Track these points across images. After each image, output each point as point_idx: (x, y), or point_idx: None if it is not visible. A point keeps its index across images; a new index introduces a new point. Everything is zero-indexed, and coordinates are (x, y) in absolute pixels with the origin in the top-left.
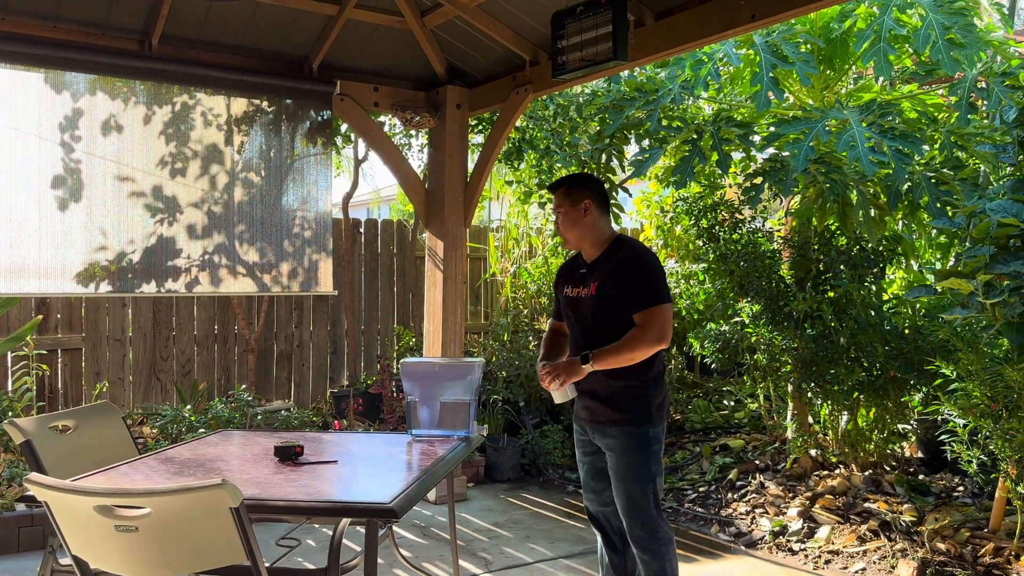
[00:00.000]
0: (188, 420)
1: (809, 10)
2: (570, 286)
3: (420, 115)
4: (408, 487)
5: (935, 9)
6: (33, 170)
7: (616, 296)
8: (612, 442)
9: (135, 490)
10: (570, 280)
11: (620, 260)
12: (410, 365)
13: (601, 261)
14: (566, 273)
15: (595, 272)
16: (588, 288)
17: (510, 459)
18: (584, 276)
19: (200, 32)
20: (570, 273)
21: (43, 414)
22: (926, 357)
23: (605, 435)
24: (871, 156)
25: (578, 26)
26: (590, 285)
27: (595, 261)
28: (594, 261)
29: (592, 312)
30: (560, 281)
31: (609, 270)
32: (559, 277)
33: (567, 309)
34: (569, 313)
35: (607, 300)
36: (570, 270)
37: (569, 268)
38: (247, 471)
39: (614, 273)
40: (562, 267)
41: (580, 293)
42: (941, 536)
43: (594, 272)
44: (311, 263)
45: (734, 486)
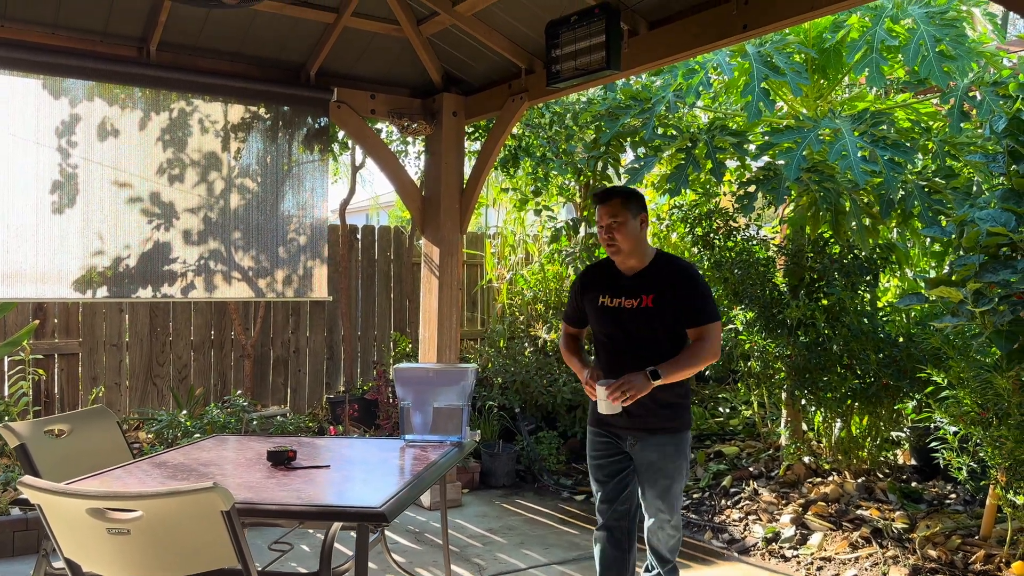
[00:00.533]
0: (184, 425)
1: (800, 21)
2: (607, 295)
3: (417, 122)
4: (399, 491)
5: (927, 20)
6: (31, 175)
7: (674, 310)
8: (659, 448)
9: (127, 493)
10: (606, 289)
11: (675, 275)
12: (403, 371)
13: (650, 275)
14: (597, 281)
15: (645, 284)
16: (637, 299)
17: (505, 465)
18: (628, 287)
19: (198, 39)
20: (603, 282)
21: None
22: (918, 365)
23: (651, 441)
24: (862, 165)
25: (572, 35)
26: (640, 296)
27: (641, 274)
28: (639, 274)
29: (646, 324)
30: (589, 288)
31: (664, 284)
32: (586, 284)
33: (602, 317)
34: (605, 321)
35: (665, 313)
36: (602, 279)
37: (599, 276)
38: (240, 475)
39: (671, 288)
40: (588, 274)
41: (624, 303)
42: (932, 543)
43: (643, 284)
44: (306, 269)
45: (728, 493)
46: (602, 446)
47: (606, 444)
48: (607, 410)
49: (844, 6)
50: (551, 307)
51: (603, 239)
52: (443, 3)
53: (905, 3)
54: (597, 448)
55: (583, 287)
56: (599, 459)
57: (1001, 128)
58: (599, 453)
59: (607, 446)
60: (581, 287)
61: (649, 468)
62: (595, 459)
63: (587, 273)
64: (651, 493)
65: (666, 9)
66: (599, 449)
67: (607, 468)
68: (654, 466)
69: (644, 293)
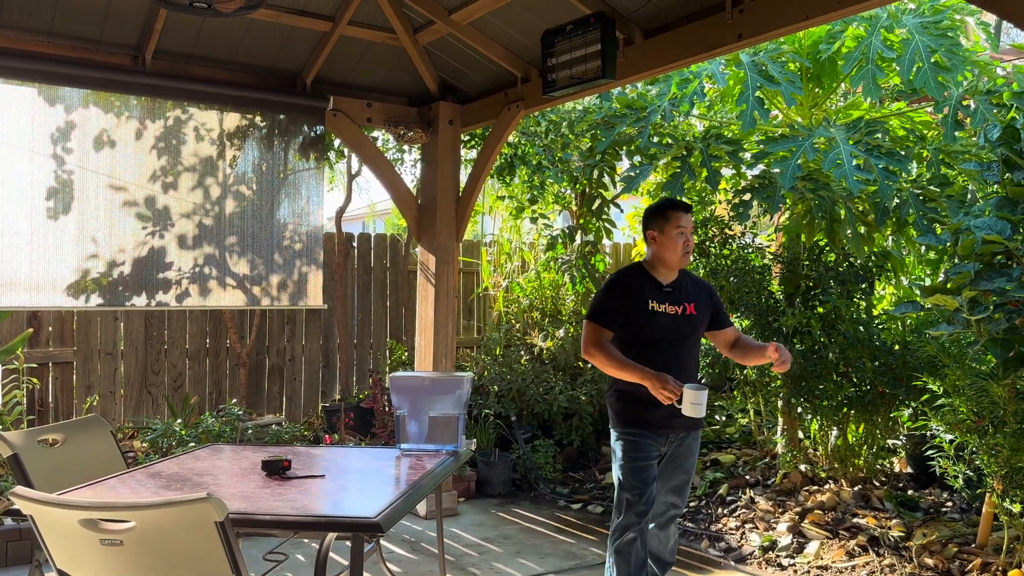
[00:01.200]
0: (179, 434)
1: (795, 30)
2: (655, 301)
3: (413, 131)
4: (394, 501)
5: (921, 31)
6: (25, 183)
7: (706, 316)
8: (693, 443)
9: (120, 503)
10: (653, 295)
11: (705, 287)
12: (399, 379)
13: (683, 285)
14: (641, 286)
15: (683, 294)
16: (680, 307)
17: (501, 474)
18: (669, 295)
19: (193, 47)
20: (649, 288)
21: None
22: (914, 373)
23: (690, 438)
24: (857, 174)
25: (568, 44)
26: (683, 304)
27: (675, 284)
28: (674, 284)
29: (692, 330)
30: (636, 294)
31: (697, 293)
32: (631, 289)
33: (652, 321)
34: (654, 325)
35: (703, 321)
36: (645, 284)
37: (641, 282)
38: (234, 485)
39: (707, 298)
40: (630, 278)
41: (670, 310)
42: (929, 551)
43: (682, 294)
44: (301, 277)
45: (724, 501)
46: (647, 448)
47: (649, 447)
48: (694, 412)
49: (839, 15)
50: (547, 315)
51: (683, 246)
52: (439, 12)
53: (900, 13)
54: (643, 450)
55: (630, 291)
56: (644, 461)
57: (996, 136)
58: (645, 455)
59: (650, 448)
60: (628, 290)
61: (679, 463)
62: (640, 461)
63: (629, 277)
64: (671, 488)
65: (661, 18)
66: (645, 451)
67: (651, 471)
68: (685, 462)
69: (686, 302)
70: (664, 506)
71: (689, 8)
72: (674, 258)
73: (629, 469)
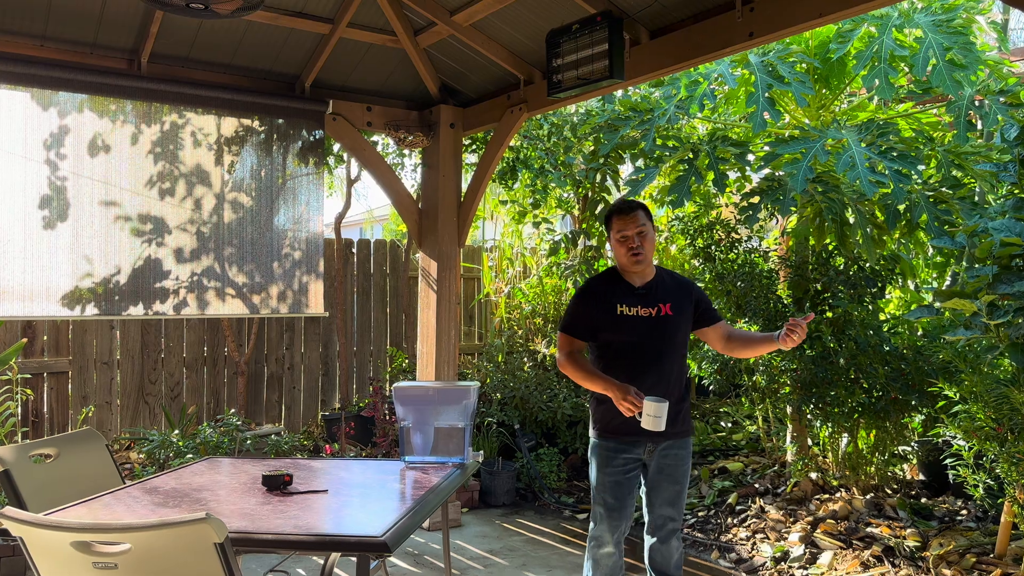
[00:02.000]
0: (176, 445)
1: (808, 27)
2: (625, 305)
3: (413, 134)
4: (401, 519)
5: (934, 29)
6: (18, 190)
7: (688, 315)
8: (680, 452)
9: (114, 525)
10: (622, 299)
11: (684, 284)
12: (403, 389)
13: (659, 285)
14: (609, 290)
15: (658, 294)
16: (655, 308)
17: (505, 483)
18: (642, 297)
19: (190, 51)
20: (616, 291)
21: (23, 442)
22: (927, 378)
23: (675, 447)
24: (870, 176)
25: (574, 44)
26: (657, 305)
27: (651, 284)
28: (649, 284)
29: (668, 332)
30: (602, 299)
31: (675, 292)
32: (597, 295)
33: (623, 326)
34: (625, 330)
35: (683, 320)
36: (613, 288)
37: (610, 286)
38: (234, 502)
39: (685, 296)
40: (597, 284)
41: (643, 312)
42: (947, 562)
43: (657, 294)
44: (302, 285)
45: (734, 510)
46: (624, 462)
47: (627, 460)
48: (653, 426)
49: (853, 12)
50: (550, 321)
51: (629, 248)
52: (441, 13)
53: (912, 12)
54: (618, 464)
55: (596, 297)
56: (619, 475)
57: (1013, 136)
58: (620, 469)
59: (628, 462)
60: (594, 297)
61: (667, 474)
62: (614, 475)
63: (596, 283)
64: (664, 500)
65: (668, 18)
66: (621, 464)
67: (623, 484)
68: (674, 472)
69: (660, 302)
70: (661, 519)
71: (697, 7)
72: (623, 262)
73: (603, 482)
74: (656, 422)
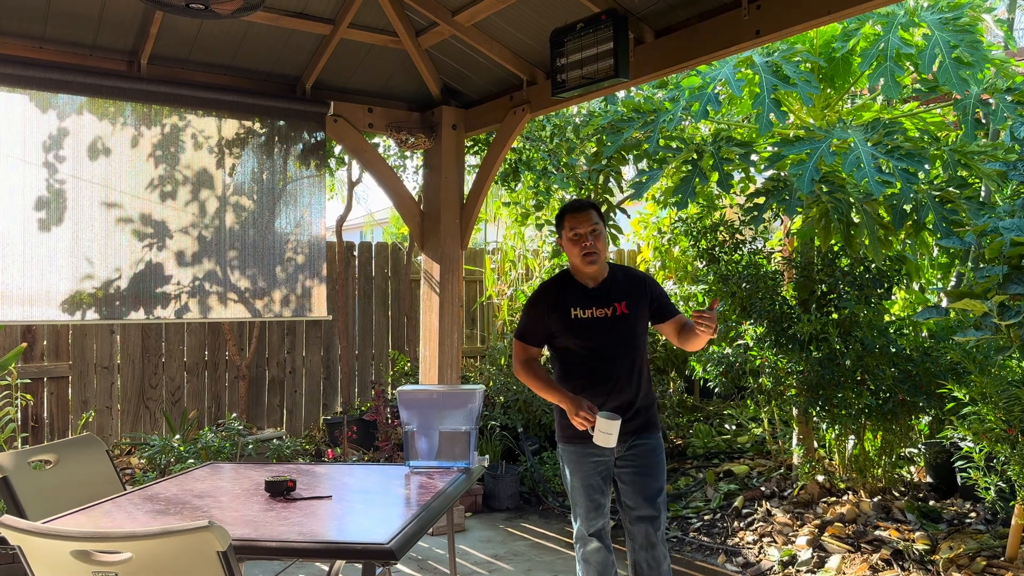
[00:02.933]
0: (177, 450)
1: (815, 25)
2: (578, 308)
3: (415, 136)
4: (407, 525)
5: (940, 27)
6: (17, 193)
7: (643, 311)
8: (649, 444)
9: (115, 533)
10: (576, 302)
11: (638, 279)
12: (407, 394)
13: (613, 283)
14: (563, 295)
15: (612, 293)
16: (610, 308)
17: (509, 487)
18: (596, 297)
19: (190, 52)
20: (569, 295)
21: (23, 448)
22: (935, 380)
23: (641, 440)
24: (877, 176)
25: (578, 43)
26: (612, 305)
27: (605, 284)
28: (603, 284)
29: (626, 330)
30: (557, 303)
31: (629, 289)
32: (552, 299)
33: (578, 330)
34: (581, 334)
35: (640, 316)
36: (566, 292)
37: (563, 290)
38: (237, 508)
39: (640, 291)
40: (550, 290)
41: (598, 313)
42: (957, 565)
43: (611, 293)
44: (304, 289)
45: (740, 514)
46: (595, 464)
47: (596, 462)
48: (604, 442)
49: (861, 9)
50: None
51: (582, 248)
52: (442, 13)
53: (918, 10)
54: (588, 467)
55: (550, 303)
56: (591, 477)
57: (1022, 135)
58: (591, 471)
59: (598, 464)
60: (547, 304)
61: (643, 471)
62: (586, 478)
63: (549, 289)
64: (641, 497)
65: (673, 16)
66: (592, 467)
67: (600, 486)
68: (650, 467)
69: (616, 301)
70: (639, 520)
71: (703, 6)
72: (576, 262)
73: (576, 486)
74: (607, 439)
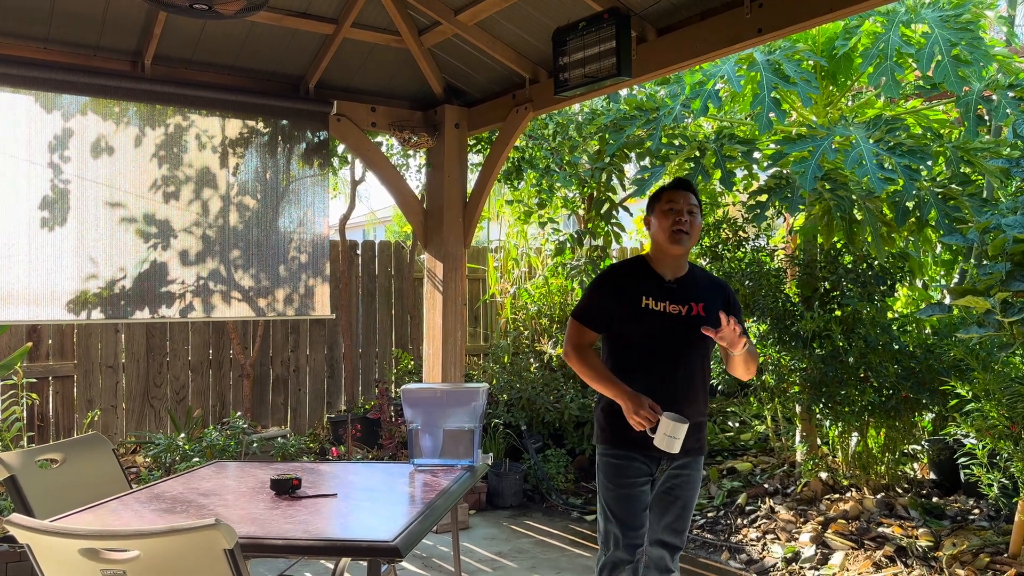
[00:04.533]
0: (182, 449)
1: (818, 23)
2: (651, 298)
3: (418, 135)
4: (412, 523)
5: (941, 24)
6: (22, 193)
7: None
8: (693, 472)
9: (123, 531)
10: (650, 292)
11: (719, 286)
12: (412, 392)
13: (692, 282)
14: (635, 281)
15: (691, 292)
16: (685, 306)
17: (513, 485)
18: (672, 292)
19: (194, 52)
20: (643, 282)
21: (29, 447)
22: (938, 377)
23: (689, 466)
24: (879, 173)
25: (580, 42)
26: (689, 304)
27: (683, 280)
28: (681, 280)
29: (701, 332)
30: (626, 288)
31: (712, 294)
32: (620, 284)
33: (647, 321)
34: (649, 326)
35: (715, 322)
36: (640, 279)
37: (636, 276)
38: (242, 506)
39: (720, 298)
40: (622, 272)
41: (671, 309)
42: (960, 562)
43: (689, 291)
44: (307, 287)
45: (743, 511)
46: (637, 472)
47: (639, 470)
48: (666, 446)
49: (863, 7)
50: (556, 321)
51: (675, 221)
52: (445, 13)
53: (919, 7)
54: (632, 474)
55: (620, 286)
56: (634, 487)
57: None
58: (634, 480)
59: (640, 472)
60: (617, 287)
61: (675, 495)
62: (629, 487)
63: (620, 271)
64: (670, 522)
65: (675, 15)
66: (634, 475)
67: (643, 498)
68: (684, 493)
69: (693, 301)
70: (659, 549)
71: (705, 4)
72: (662, 239)
73: (615, 497)
74: (671, 443)
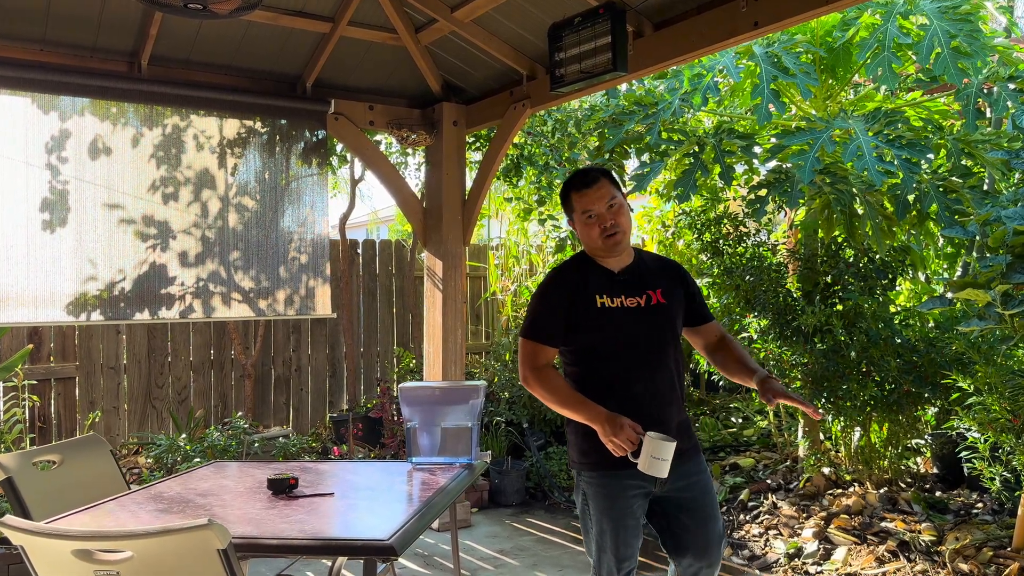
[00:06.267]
0: (183, 449)
1: (814, 15)
2: (605, 295)
3: (416, 133)
4: (408, 521)
5: (939, 16)
6: (20, 195)
7: (679, 303)
8: (702, 479)
9: (116, 532)
10: (602, 288)
11: (663, 263)
12: (409, 390)
13: (642, 268)
14: (585, 280)
15: (644, 279)
16: (642, 297)
17: (515, 483)
18: (624, 284)
19: (190, 52)
20: (595, 280)
21: (28, 449)
22: (940, 370)
23: (692, 471)
24: (879, 165)
25: (576, 38)
26: (645, 293)
27: (632, 269)
28: (630, 269)
29: (663, 325)
30: (578, 290)
31: (666, 277)
32: (569, 286)
33: (604, 324)
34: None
35: (677, 308)
36: (589, 277)
37: (584, 274)
38: (239, 506)
39: (671, 278)
40: (569, 273)
41: (629, 303)
42: (963, 556)
43: (642, 279)
44: (308, 287)
45: (746, 507)
46: (626, 492)
47: (629, 489)
48: (653, 470)
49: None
50: None
51: (601, 228)
52: (441, 10)
53: None
54: (622, 497)
55: (570, 289)
56: (625, 512)
57: None
58: (628, 507)
59: (631, 491)
60: (567, 290)
61: (703, 513)
62: (624, 517)
63: (566, 272)
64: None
65: (671, 9)
66: (624, 497)
67: (638, 529)
68: (707, 508)
69: (650, 289)
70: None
71: None
72: (597, 247)
73: (612, 528)
74: (658, 465)
